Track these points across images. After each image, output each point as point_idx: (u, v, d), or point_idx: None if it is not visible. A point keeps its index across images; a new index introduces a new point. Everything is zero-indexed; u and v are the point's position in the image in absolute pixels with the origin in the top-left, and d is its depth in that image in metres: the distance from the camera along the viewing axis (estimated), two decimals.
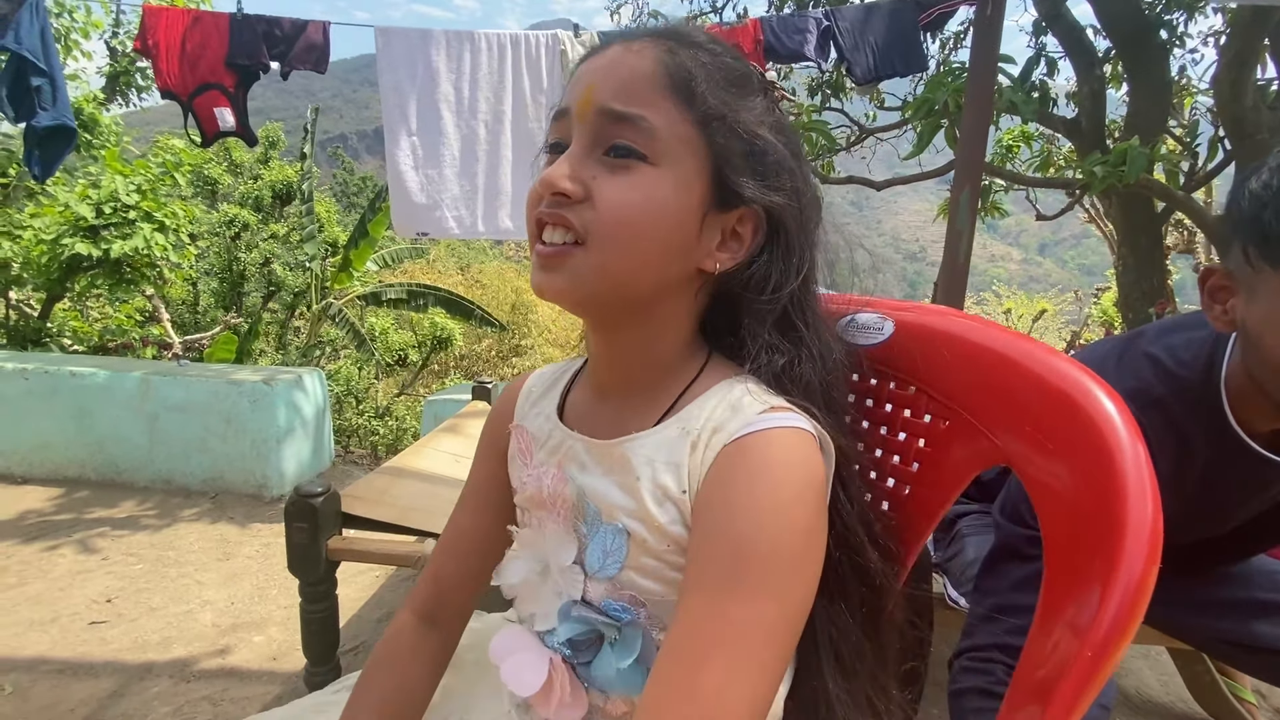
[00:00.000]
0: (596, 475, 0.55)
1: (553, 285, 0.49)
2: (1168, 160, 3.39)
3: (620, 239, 0.47)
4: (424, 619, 0.66)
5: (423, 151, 2.63)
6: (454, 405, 2.80)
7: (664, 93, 0.48)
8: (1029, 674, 0.42)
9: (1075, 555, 0.41)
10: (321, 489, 1.38)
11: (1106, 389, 0.43)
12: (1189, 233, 6.15)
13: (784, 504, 0.45)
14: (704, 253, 0.51)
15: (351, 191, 22.50)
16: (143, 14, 2.47)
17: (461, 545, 0.67)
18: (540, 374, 0.68)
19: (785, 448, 0.47)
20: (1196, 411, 0.78)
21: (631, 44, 0.50)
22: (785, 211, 0.51)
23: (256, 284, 9.40)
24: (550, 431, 0.60)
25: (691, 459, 0.49)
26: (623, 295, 0.50)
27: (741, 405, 0.49)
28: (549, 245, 0.49)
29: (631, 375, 0.56)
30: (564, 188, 0.48)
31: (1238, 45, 3.13)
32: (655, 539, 0.51)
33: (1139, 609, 0.37)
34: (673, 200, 0.48)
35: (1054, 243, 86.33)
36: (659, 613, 0.53)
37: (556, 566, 0.56)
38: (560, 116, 0.52)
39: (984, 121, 2.55)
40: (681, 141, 0.48)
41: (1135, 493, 0.38)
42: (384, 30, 2.59)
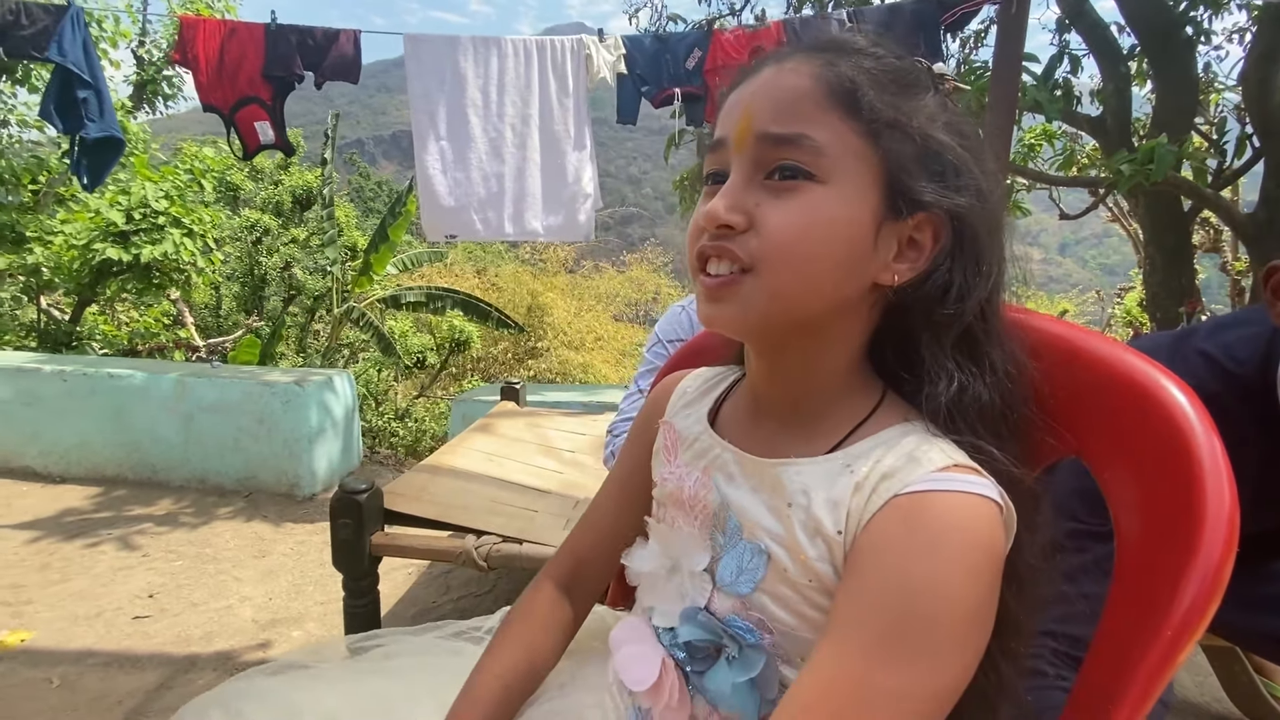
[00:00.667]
0: (744, 490, 0.53)
1: (723, 315, 0.48)
2: (1195, 158, 3.35)
3: (790, 263, 0.46)
4: (561, 588, 0.68)
5: (451, 155, 2.68)
6: (481, 406, 2.84)
7: (826, 107, 0.46)
8: (1105, 658, 0.43)
9: (1152, 543, 0.42)
10: (365, 486, 1.41)
11: (1177, 380, 0.44)
12: (1215, 231, 6.06)
13: (958, 577, 0.42)
14: (880, 265, 0.48)
15: (368, 196, 22.76)
16: (180, 26, 2.53)
17: (601, 525, 0.68)
18: (697, 375, 0.66)
19: (969, 517, 0.43)
20: (1252, 407, 0.78)
21: (784, 63, 0.48)
22: (970, 213, 0.47)
23: (277, 288, 9.55)
24: (699, 435, 0.59)
25: (854, 499, 0.46)
26: (794, 319, 0.48)
27: (919, 455, 0.46)
28: (715, 276, 0.48)
29: (794, 396, 0.53)
30: (725, 219, 0.46)
31: (1264, 41, 3.09)
32: (797, 570, 0.49)
33: (1217, 592, 0.38)
34: (844, 216, 0.46)
35: (1074, 242, 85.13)
36: (785, 644, 0.51)
37: (687, 568, 0.56)
38: (717, 147, 0.50)
39: (1008, 120, 2.54)
40: (850, 154, 0.46)
41: (1213, 481, 0.39)
42: (413, 38, 2.64)
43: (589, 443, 2.19)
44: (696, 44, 2.73)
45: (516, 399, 2.62)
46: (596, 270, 17.45)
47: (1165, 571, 0.40)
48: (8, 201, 5.46)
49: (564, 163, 2.75)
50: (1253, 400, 0.78)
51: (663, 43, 2.77)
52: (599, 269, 17.57)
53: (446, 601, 2.13)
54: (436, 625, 0.81)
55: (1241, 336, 0.81)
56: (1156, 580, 0.40)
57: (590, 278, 16.66)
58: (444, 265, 11.91)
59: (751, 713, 0.51)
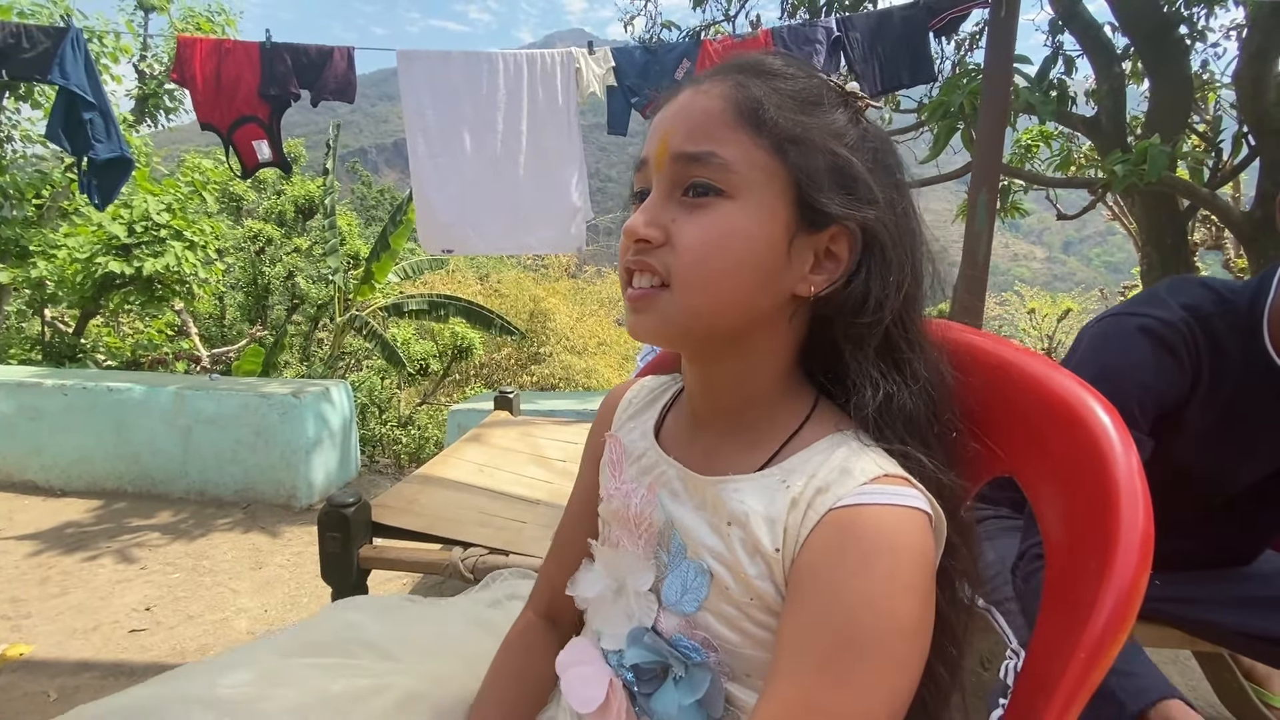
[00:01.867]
0: (688, 508, 0.54)
1: (642, 326, 0.50)
2: (1191, 157, 3.34)
3: (702, 276, 0.48)
4: (543, 618, 0.70)
5: (445, 171, 2.71)
6: (477, 415, 2.86)
7: (734, 125, 0.48)
8: (1031, 672, 0.44)
9: (1072, 561, 0.43)
10: (353, 499, 1.43)
11: (1102, 401, 0.45)
12: (1217, 229, 6.03)
13: (896, 595, 0.43)
14: (796, 277, 0.50)
15: (370, 205, 22.88)
16: (177, 46, 2.57)
17: (568, 553, 0.68)
18: (642, 385, 0.68)
19: (899, 531, 0.44)
20: (1238, 332, 0.82)
21: (700, 86, 0.51)
22: (878, 224, 0.49)
23: (280, 297, 9.61)
24: (645, 450, 0.60)
25: (790, 516, 0.48)
26: (713, 330, 0.50)
27: (851, 467, 0.47)
28: (636, 289, 0.50)
29: (728, 408, 0.55)
30: (642, 234, 0.49)
31: (1259, 40, 3.08)
32: (739, 589, 0.50)
33: (1131, 612, 0.39)
34: (754, 229, 0.48)
35: (1078, 240, 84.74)
36: (730, 661, 0.52)
37: (632, 589, 0.56)
38: (641, 167, 0.53)
39: (1000, 124, 2.54)
40: (758, 169, 0.48)
41: (1128, 501, 0.40)
42: (405, 54, 2.66)
43: (580, 451, 2.20)
44: (685, 54, 2.75)
45: (510, 408, 2.63)
46: (599, 275, 17.47)
47: (1084, 589, 0.41)
48: (12, 216, 5.53)
49: (555, 176, 2.77)
50: (1238, 331, 0.83)
51: (652, 54, 2.80)
52: (601, 274, 17.60)
53: None
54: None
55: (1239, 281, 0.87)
56: (1077, 598, 0.41)
57: (592, 283, 16.69)
58: (446, 272, 11.96)
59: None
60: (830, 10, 4.30)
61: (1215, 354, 0.83)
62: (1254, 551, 1.00)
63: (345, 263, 8.16)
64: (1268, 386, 0.82)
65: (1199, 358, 0.83)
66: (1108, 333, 0.86)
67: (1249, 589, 0.97)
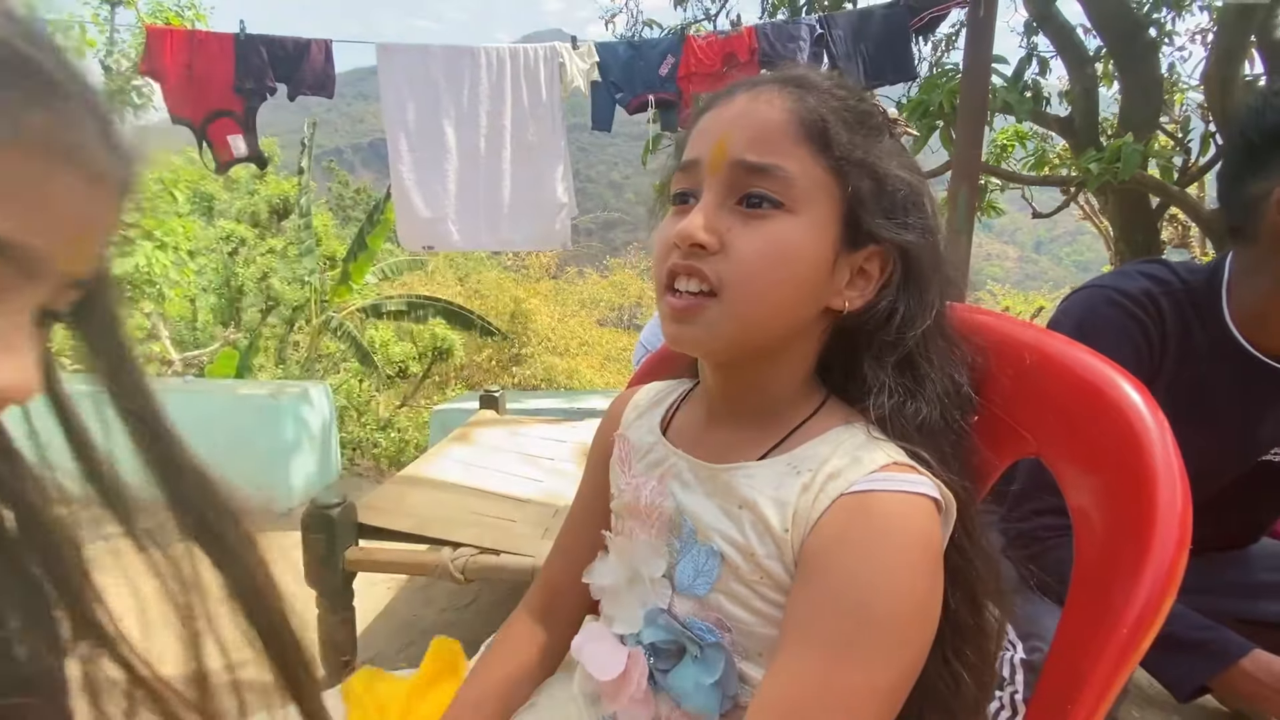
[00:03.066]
0: (698, 495, 0.55)
1: (689, 337, 0.50)
2: (1161, 156, 3.42)
3: (756, 288, 0.48)
4: (536, 618, 0.69)
5: (426, 166, 2.66)
6: (461, 415, 2.81)
7: (798, 141, 0.49)
8: (1065, 656, 0.43)
9: (1108, 542, 0.42)
10: (338, 499, 1.39)
11: (1133, 381, 0.44)
12: (1184, 227, 6.19)
13: (903, 572, 0.45)
14: (833, 292, 0.51)
15: (346, 205, 22.53)
16: (147, 37, 2.49)
17: (571, 552, 0.69)
18: (649, 388, 0.69)
19: (908, 516, 0.46)
20: (1200, 310, 0.85)
21: (758, 93, 0.51)
22: (917, 249, 0.51)
23: (255, 299, 9.41)
24: (653, 445, 0.61)
25: (801, 499, 0.49)
26: (756, 340, 0.51)
27: (861, 455, 0.49)
28: (682, 295, 0.50)
29: (746, 407, 0.56)
30: (701, 239, 0.48)
31: (1225, 42, 3.17)
32: (749, 568, 0.51)
33: (1170, 591, 0.38)
34: (808, 245, 0.49)
35: (1049, 240, 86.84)
36: (743, 640, 0.53)
37: (647, 576, 0.57)
38: (688, 168, 0.52)
39: (979, 122, 2.58)
40: (817, 186, 0.49)
41: (1165, 479, 0.40)
42: (385, 48, 2.62)
43: (569, 450, 2.18)
44: (669, 50, 2.74)
45: (496, 407, 2.60)
46: (580, 275, 17.44)
47: (1120, 570, 0.40)
48: None
49: (539, 171, 2.74)
50: (1200, 304, 0.85)
51: (636, 50, 2.78)
52: (582, 274, 17.56)
53: (428, 615, 2.10)
54: None
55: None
56: (1112, 579, 0.40)
57: (574, 283, 16.65)
58: (425, 273, 11.82)
59: (714, 710, 0.53)
60: (810, 9, 4.33)
61: (1180, 326, 0.85)
62: (1251, 537, 1.01)
63: (322, 263, 8.02)
64: (1231, 356, 0.84)
65: (1165, 330, 0.85)
66: (1079, 304, 0.89)
67: (1247, 574, 0.99)
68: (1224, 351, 0.84)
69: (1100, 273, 1.37)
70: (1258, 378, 0.84)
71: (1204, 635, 0.75)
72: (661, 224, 0.54)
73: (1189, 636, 0.75)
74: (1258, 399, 0.86)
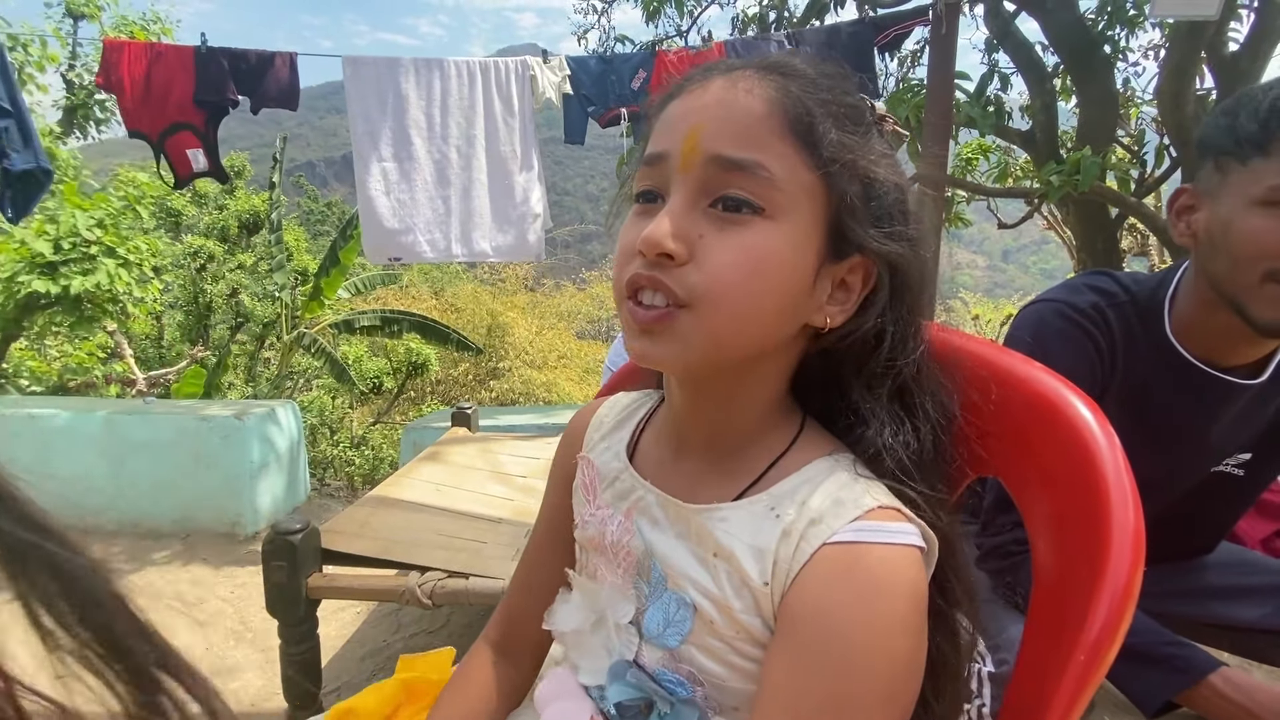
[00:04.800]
0: (669, 536, 0.51)
1: (657, 353, 0.45)
2: (1118, 168, 3.53)
3: (732, 304, 0.43)
4: (496, 650, 0.65)
5: (395, 177, 2.63)
6: (433, 433, 2.76)
7: (781, 136, 0.43)
8: (1027, 678, 0.42)
9: (1062, 561, 0.42)
10: (300, 525, 1.34)
11: (1085, 399, 0.44)
12: (1143, 236, 6.39)
13: (895, 633, 0.41)
14: (814, 307, 0.46)
15: (317, 219, 22.23)
16: (104, 49, 2.43)
17: (532, 579, 0.65)
18: (613, 403, 0.63)
19: (897, 570, 0.42)
20: (1144, 321, 0.86)
21: (737, 79, 0.44)
22: (905, 260, 0.46)
23: (224, 315, 9.21)
24: (619, 473, 0.56)
25: (781, 548, 0.45)
26: (731, 358, 0.46)
27: (844, 497, 0.45)
28: (647, 309, 0.44)
29: (716, 434, 0.51)
30: (669, 248, 0.42)
31: (1177, 58, 3.29)
32: (725, 623, 0.47)
33: (1127, 610, 0.38)
34: (791, 257, 0.43)
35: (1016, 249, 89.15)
36: (716, 695, 0.49)
37: (612, 622, 0.53)
38: (654, 161, 0.46)
39: (944, 136, 2.63)
40: (802, 190, 0.43)
41: (1118, 498, 0.39)
42: (352, 60, 2.59)
43: (542, 466, 2.14)
44: (641, 64, 2.75)
45: (468, 424, 2.55)
46: (557, 288, 17.40)
47: (1078, 587, 0.40)
48: None
49: (511, 183, 2.73)
50: (1144, 315, 0.86)
51: (608, 64, 2.79)
52: (559, 287, 17.52)
53: (398, 641, 2.04)
54: None
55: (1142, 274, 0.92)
56: (1070, 596, 0.40)
57: (551, 296, 16.59)
58: (399, 288, 11.70)
59: None
60: (779, 27, 4.40)
61: (1127, 339, 0.86)
62: (1211, 543, 1.03)
63: (293, 279, 7.88)
64: (1173, 366, 0.85)
65: (1113, 342, 0.86)
66: (1032, 319, 0.89)
67: (1208, 579, 1.00)
68: (1166, 361, 0.85)
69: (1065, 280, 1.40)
70: (1199, 387, 0.85)
71: (1171, 651, 0.75)
72: (625, 225, 0.48)
73: (1155, 652, 0.75)
74: (1202, 408, 0.87)
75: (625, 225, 0.48)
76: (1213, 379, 0.84)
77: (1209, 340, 0.84)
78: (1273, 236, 0.72)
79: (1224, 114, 0.78)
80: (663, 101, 0.48)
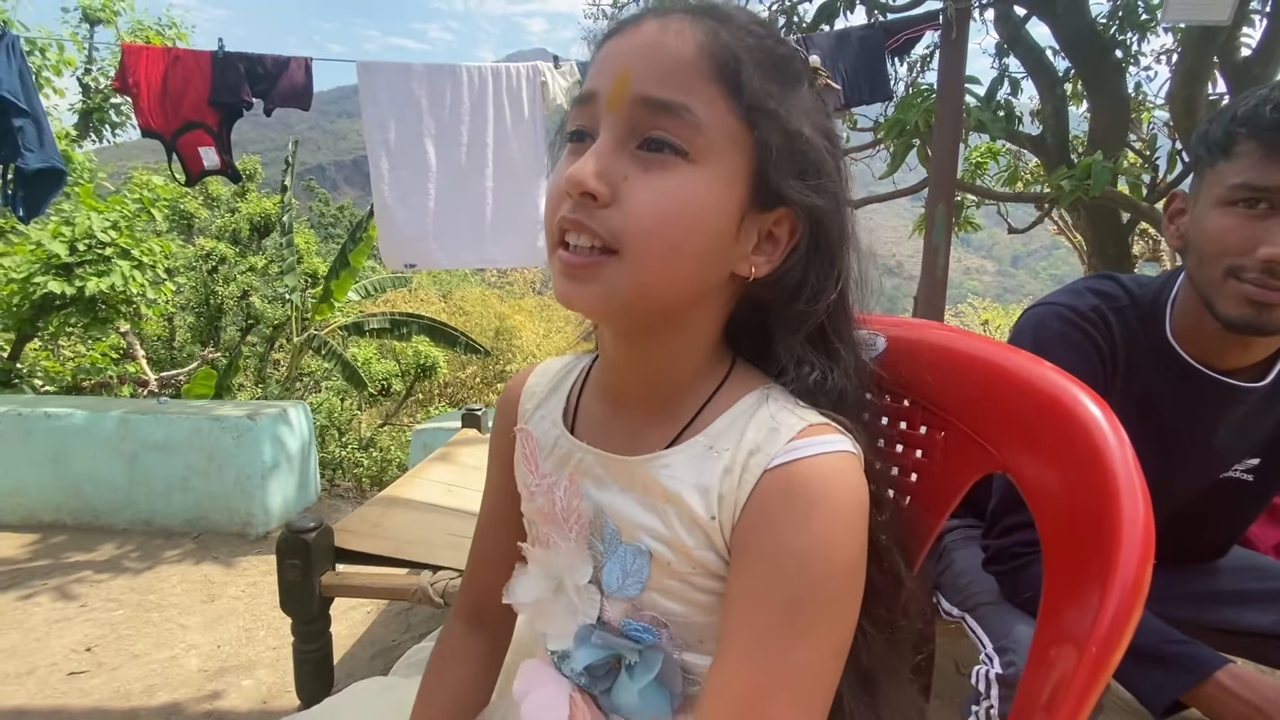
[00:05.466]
0: (615, 492, 0.52)
1: (582, 296, 0.45)
2: (1130, 173, 3.51)
3: (656, 248, 0.43)
4: (468, 622, 0.67)
5: (407, 183, 2.65)
6: (442, 434, 2.78)
7: (709, 80, 0.43)
8: (1038, 674, 0.43)
9: (1072, 557, 0.42)
10: (314, 524, 1.36)
11: (1093, 396, 0.45)
12: (1155, 241, 6.34)
13: (840, 539, 0.43)
14: (739, 256, 0.47)
15: (328, 222, 22.42)
16: (122, 54, 2.47)
17: (487, 554, 0.66)
18: (544, 369, 0.63)
19: (837, 477, 0.45)
20: (1145, 324, 0.87)
21: (668, 21, 0.44)
22: (827, 214, 0.47)
23: (234, 317, 9.29)
24: (557, 440, 0.57)
25: (724, 482, 0.47)
26: (657, 306, 0.46)
27: (778, 423, 0.46)
28: (575, 253, 0.44)
29: (653, 385, 0.52)
30: (591, 187, 0.42)
31: (1189, 62, 3.28)
32: (680, 561, 0.49)
33: (1137, 606, 0.38)
34: (713, 203, 0.44)
35: (1026, 254, 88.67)
36: (681, 634, 0.51)
37: (571, 585, 0.54)
38: (585, 101, 0.46)
39: (954, 140, 2.63)
40: (726, 136, 0.44)
41: (1127, 493, 0.40)
42: (366, 65, 2.62)
43: None
44: None
45: (478, 426, 2.57)
46: None
47: (1087, 585, 0.40)
48: None
49: (521, 189, 2.75)
50: (1145, 319, 0.87)
51: None
52: None
53: (408, 640, 2.05)
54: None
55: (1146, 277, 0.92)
56: (1079, 594, 0.41)
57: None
58: (408, 290, 11.76)
59: (665, 710, 0.51)
60: (789, 31, 4.41)
61: (1128, 342, 0.86)
62: (1223, 548, 1.02)
63: (303, 281, 7.95)
64: (1174, 370, 0.85)
65: (1114, 345, 0.86)
66: (1032, 322, 0.90)
67: (1220, 583, 1.00)
68: (1167, 364, 0.85)
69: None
70: (1200, 390, 0.85)
71: (1177, 649, 0.75)
72: (557, 166, 0.48)
73: (1162, 650, 0.75)
74: (1204, 411, 0.87)
75: (558, 166, 0.48)
76: (1214, 382, 0.84)
77: (1205, 343, 0.84)
78: (1232, 235, 0.75)
79: (1207, 122, 0.81)
80: (600, 40, 0.48)
